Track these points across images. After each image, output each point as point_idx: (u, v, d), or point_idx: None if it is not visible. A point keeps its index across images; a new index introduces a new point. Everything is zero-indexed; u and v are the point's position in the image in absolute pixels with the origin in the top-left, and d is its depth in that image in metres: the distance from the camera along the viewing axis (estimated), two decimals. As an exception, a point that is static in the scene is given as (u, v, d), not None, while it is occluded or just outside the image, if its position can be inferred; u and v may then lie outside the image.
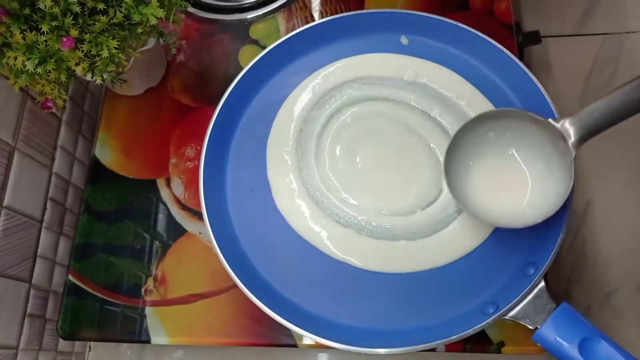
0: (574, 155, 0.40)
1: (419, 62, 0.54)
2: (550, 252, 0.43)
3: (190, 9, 0.63)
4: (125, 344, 0.62)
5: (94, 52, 0.43)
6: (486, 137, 0.45)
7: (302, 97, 0.54)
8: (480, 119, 0.44)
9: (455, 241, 0.48)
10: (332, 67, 0.55)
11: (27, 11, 0.41)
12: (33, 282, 0.53)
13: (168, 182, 0.56)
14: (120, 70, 0.48)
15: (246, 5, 0.64)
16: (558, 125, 0.41)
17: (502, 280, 0.46)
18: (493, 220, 0.44)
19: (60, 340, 0.56)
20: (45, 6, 0.40)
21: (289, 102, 0.54)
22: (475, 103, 0.52)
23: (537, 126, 0.42)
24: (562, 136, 0.41)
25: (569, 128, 0.41)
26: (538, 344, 0.40)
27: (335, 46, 0.55)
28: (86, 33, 0.42)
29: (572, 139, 0.41)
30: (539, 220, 0.41)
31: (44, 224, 0.54)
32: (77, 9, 0.41)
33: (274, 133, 0.53)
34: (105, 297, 0.52)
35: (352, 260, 0.48)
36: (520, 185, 0.45)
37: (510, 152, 0.45)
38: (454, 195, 0.44)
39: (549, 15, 0.75)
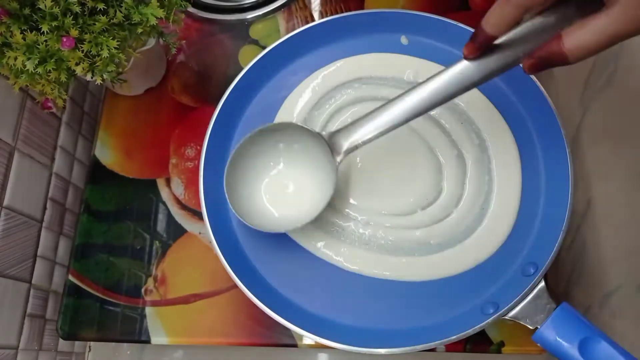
0: (337, 165, 0.44)
1: (419, 62, 0.54)
2: (550, 252, 0.43)
3: (190, 9, 0.63)
4: (125, 344, 0.62)
5: (94, 52, 0.43)
6: (277, 148, 0.47)
7: (302, 97, 0.54)
8: (265, 132, 0.45)
9: (460, 257, 0.47)
10: (332, 67, 0.55)
11: (27, 11, 0.41)
12: (33, 282, 0.53)
13: (168, 182, 0.56)
14: (120, 70, 0.47)
15: (246, 5, 0.64)
16: (326, 138, 0.44)
17: (502, 280, 0.46)
18: (270, 228, 0.45)
19: (60, 340, 0.56)
20: (45, 6, 0.40)
21: (289, 102, 0.54)
22: (475, 103, 0.52)
23: (313, 139, 0.45)
24: (329, 149, 0.44)
25: (337, 142, 0.43)
26: (538, 344, 0.40)
27: (335, 46, 0.55)
28: (86, 33, 0.42)
29: (340, 152, 0.43)
30: (307, 221, 0.44)
31: (44, 224, 0.54)
32: (77, 9, 0.41)
33: (273, 133, 0.54)
34: (105, 297, 0.52)
35: (355, 269, 0.48)
36: (303, 193, 0.47)
37: (281, 166, 0.48)
38: (235, 208, 0.45)
39: (549, 15, 0.75)
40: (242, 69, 0.53)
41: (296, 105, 0.54)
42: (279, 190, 0.48)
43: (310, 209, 0.45)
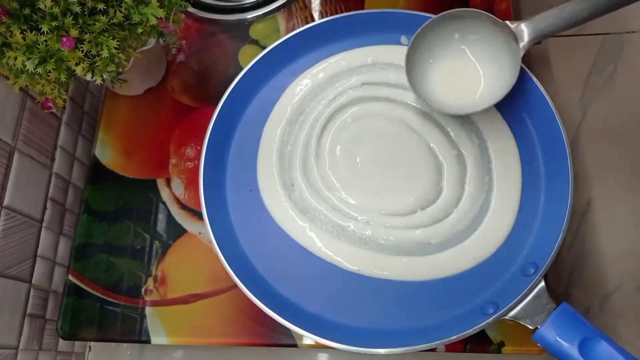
0: (522, 55, 0.45)
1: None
2: (550, 252, 0.43)
3: (190, 9, 0.63)
4: (125, 344, 0.62)
5: (94, 52, 0.43)
6: (452, 37, 0.49)
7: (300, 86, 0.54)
8: (446, 18, 0.47)
9: (460, 257, 0.47)
10: (332, 59, 0.55)
11: (27, 11, 0.41)
12: (33, 282, 0.53)
13: (168, 182, 0.56)
14: (120, 70, 0.48)
15: (246, 5, 0.64)
16: (513, 27, 0.45)
17: (502, 280, 0.46)
18: (447, 110, 0.48)
19: (60, 340, 0.56)
20: (45, 6, 0.40)
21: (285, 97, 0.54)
22: (475, 103, 0.52)
23: (497, 28, 0.46)
24: (515, 37, 0.45)
25: (523, 30, 0.45)
26: (538, 344, 0.40)
27: (335, 46, 0.55)
28: (86, 33, 0.42)
29: (524, 40, 0.45)
30: (487, 106, 0.46)
31: (44, 224, 0.54)
32: (77, 9, 0.41)
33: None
34: (105, 297, 0.52)
35: (355, 269, 0.48)
36: (474, 83, 0.49)
37: (468, 54, 0.49)
38: (413, 86, 0.48)
39: (549, 15, 0.75)
40: (242, 69, 0.53)
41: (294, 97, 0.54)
42: (452, 80, 0.49)
43: (487, 98, 0.47)
